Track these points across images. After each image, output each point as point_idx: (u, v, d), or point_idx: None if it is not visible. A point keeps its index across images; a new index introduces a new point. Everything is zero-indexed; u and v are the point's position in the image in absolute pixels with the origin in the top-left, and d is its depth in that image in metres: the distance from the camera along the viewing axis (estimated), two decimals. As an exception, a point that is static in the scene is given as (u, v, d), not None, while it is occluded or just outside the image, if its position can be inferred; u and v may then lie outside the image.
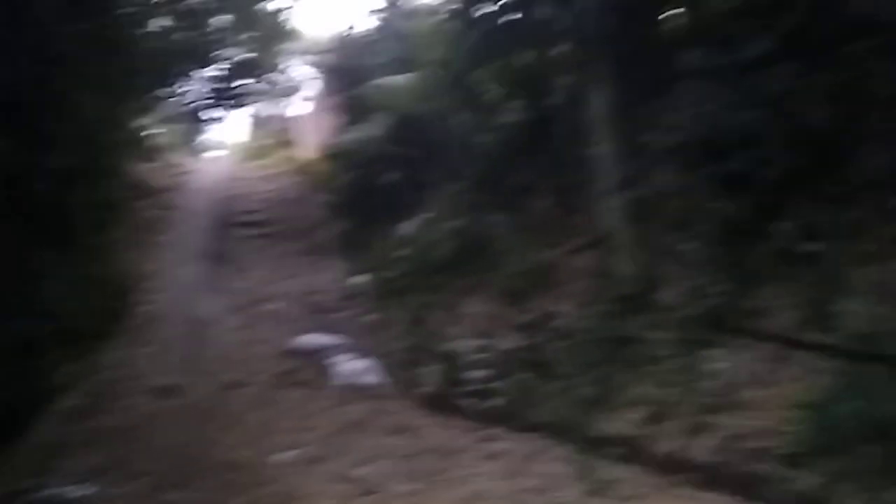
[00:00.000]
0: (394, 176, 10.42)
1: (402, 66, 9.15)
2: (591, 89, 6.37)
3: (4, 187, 4.96)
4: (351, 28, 12.11)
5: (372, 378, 6.88)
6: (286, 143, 18.05)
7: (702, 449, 4.41)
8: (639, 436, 4.63)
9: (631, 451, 4.59)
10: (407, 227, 9.43)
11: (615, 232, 6.03)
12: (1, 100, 4.91)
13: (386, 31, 10.92)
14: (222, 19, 8.49)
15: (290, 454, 5.10)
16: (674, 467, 4.38)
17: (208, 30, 8.59)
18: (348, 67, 11.31)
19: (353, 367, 7.01)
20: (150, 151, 12.06)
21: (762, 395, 4.60)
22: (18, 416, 5.46)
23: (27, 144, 5.25)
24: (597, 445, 4.73)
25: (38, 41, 5.05)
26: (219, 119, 9.15)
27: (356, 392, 6.61)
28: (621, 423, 4.78)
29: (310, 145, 16.19)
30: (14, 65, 4.88)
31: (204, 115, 8.78)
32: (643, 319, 5.53)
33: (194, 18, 7.45)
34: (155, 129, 13.02)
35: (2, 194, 4.90)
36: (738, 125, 5.54)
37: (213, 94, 8.68)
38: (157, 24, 7.26)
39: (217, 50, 8.81)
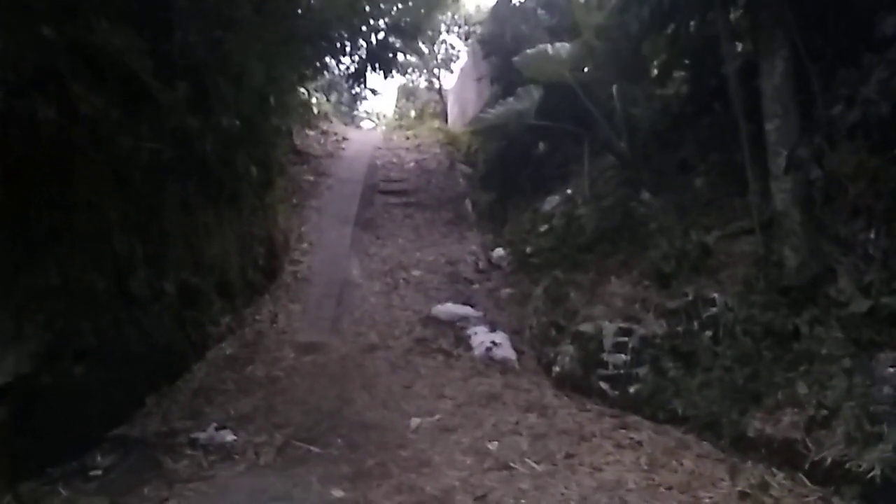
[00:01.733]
0: (541, 149, 10.22)
1: (556, 35, 8.84)
2: (765, 58, 5.79)
3: (179, 146, 5.31)
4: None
5: (507, 352, 6.84)
6: (434, 113, 18.32)
7: (869, 461, 3.94)
8: (797, 440, 4.21)
9: (788, 456, 4.19)
10: (551, 202, 9.23)
11: (783, 216, 5.47)
12: (179, 63, 5.25)
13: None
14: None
15: (424, 420, 5.15)
16: (836, 478, 3.96)
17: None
18: (501, 36, 11.14)
19: (488, 339, 7.00)
20: (308, 118, 12.62)
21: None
22: (179, 361, 5.93)
23: (199, 106, 5.59)
24: (749, 446, 4.38)
25: (212, 7, 5.34)
26: (373, 89, 9.32)
27: (491, 365, 6.60)
28: (777, 424, 4.37)
29: (458, 116, 16.30)
30: (190, 30, 5.19)
31: (359, 84, 9.00)
32: (809, 314, 5.02)
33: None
34: (314, 96, 13.59)
35: (176, 153, 5.25)
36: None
37: (368, 64, 8.87)
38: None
39: (374, 19, 8.97)
